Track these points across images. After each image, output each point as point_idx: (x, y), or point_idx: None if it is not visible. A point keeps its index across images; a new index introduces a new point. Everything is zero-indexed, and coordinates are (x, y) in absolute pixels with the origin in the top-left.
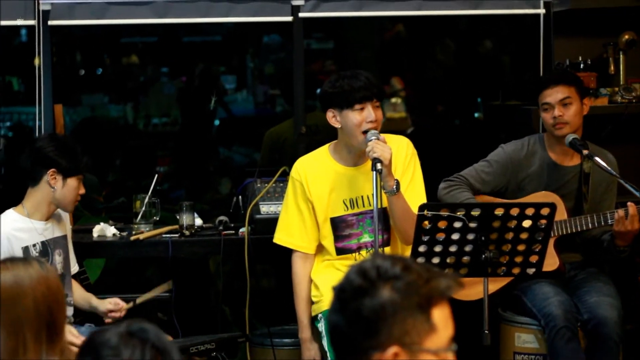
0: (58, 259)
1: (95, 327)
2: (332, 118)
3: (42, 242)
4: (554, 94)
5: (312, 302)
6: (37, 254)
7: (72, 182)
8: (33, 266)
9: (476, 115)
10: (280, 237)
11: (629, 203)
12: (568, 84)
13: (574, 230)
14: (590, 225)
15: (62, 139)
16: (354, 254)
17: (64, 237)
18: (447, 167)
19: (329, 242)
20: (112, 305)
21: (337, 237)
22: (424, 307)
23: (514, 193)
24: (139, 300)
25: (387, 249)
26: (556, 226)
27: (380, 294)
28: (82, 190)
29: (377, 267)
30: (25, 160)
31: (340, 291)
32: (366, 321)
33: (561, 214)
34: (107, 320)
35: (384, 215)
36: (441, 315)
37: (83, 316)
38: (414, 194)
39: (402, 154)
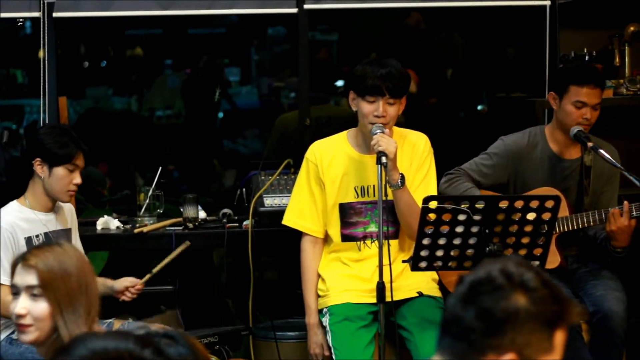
0: None
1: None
2: (352, 101)
3: (45, 234)
4: (593, 96)
5: (317, 296)
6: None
7: (58, 171)
8: (67, 248)
9: (480, 107)
10: (291, 219)
11: (625, 202)
12: (603, 88)
13: (575, 227)
14: (591, 222)
15: (53, 127)
16: (358, 243)
17: (68, 230)
18: (450, 160)
19: (334, 229)
20: (129, 282)
21: (344, 224)
22: (551, 325)
23: (516, 186)
24: (155, 270)
25: (395, 242)
26: (557, 223)
27: (517, 299)
28: (77, 180)
29: (522, 274)
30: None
31: (478, 283)
32: (496, 321)
33: (563, 211)
34: (123, 298)
35: (392, 207)
36: (560, 339)
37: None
38: (426, 191)
39: (419, 150)
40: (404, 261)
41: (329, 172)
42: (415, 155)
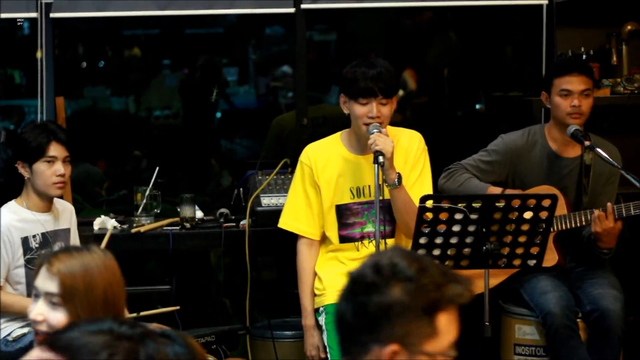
0: None
1: None
2: (343, 104)
3: (43, 234)
4: (577, 83)
5: (314, 296)
6: (36, 245)
7: (38, 167)
8: (96, 255)
9: (478, 106)
10: (286, 222)
11: (608, 204)
12: (589, 76)
13: (572, 226)
14: (589, 221)
15: (30, 126)
16: (356, 243)
17: (67, 230)
18: (447, 159)
19: (332, 231)
20: None
21: (342, 225)
22: (430, 311)
23: (515, 184)
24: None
25: (391, 241)
26: (555, 221)
27: (390, 293)
28: (60, 171)
29: (393, 265)
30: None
31: (353, 282)
32: (371, 317)
33: (561, 209)
34: None
35: (388, 207)
36: (446, 321)
37: None
38: (422, 189)
39: (413, 148)
40: None
41: (323, 174)
42: (409, 154)
